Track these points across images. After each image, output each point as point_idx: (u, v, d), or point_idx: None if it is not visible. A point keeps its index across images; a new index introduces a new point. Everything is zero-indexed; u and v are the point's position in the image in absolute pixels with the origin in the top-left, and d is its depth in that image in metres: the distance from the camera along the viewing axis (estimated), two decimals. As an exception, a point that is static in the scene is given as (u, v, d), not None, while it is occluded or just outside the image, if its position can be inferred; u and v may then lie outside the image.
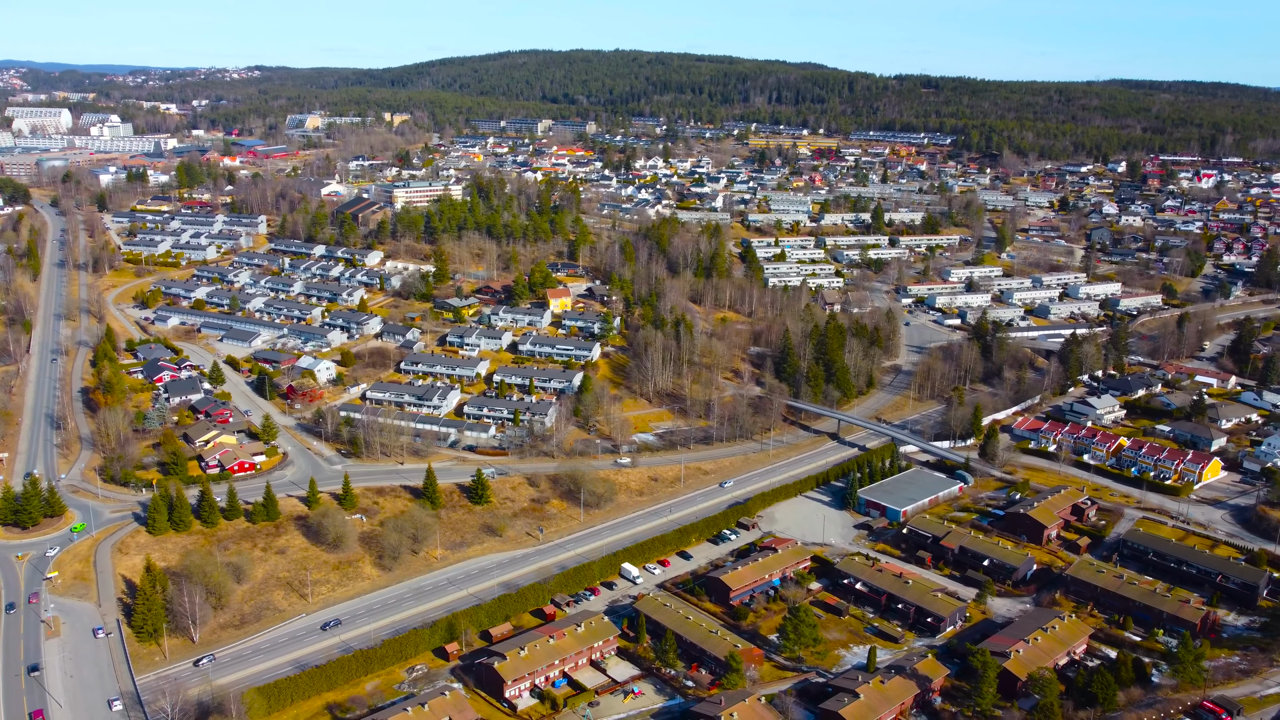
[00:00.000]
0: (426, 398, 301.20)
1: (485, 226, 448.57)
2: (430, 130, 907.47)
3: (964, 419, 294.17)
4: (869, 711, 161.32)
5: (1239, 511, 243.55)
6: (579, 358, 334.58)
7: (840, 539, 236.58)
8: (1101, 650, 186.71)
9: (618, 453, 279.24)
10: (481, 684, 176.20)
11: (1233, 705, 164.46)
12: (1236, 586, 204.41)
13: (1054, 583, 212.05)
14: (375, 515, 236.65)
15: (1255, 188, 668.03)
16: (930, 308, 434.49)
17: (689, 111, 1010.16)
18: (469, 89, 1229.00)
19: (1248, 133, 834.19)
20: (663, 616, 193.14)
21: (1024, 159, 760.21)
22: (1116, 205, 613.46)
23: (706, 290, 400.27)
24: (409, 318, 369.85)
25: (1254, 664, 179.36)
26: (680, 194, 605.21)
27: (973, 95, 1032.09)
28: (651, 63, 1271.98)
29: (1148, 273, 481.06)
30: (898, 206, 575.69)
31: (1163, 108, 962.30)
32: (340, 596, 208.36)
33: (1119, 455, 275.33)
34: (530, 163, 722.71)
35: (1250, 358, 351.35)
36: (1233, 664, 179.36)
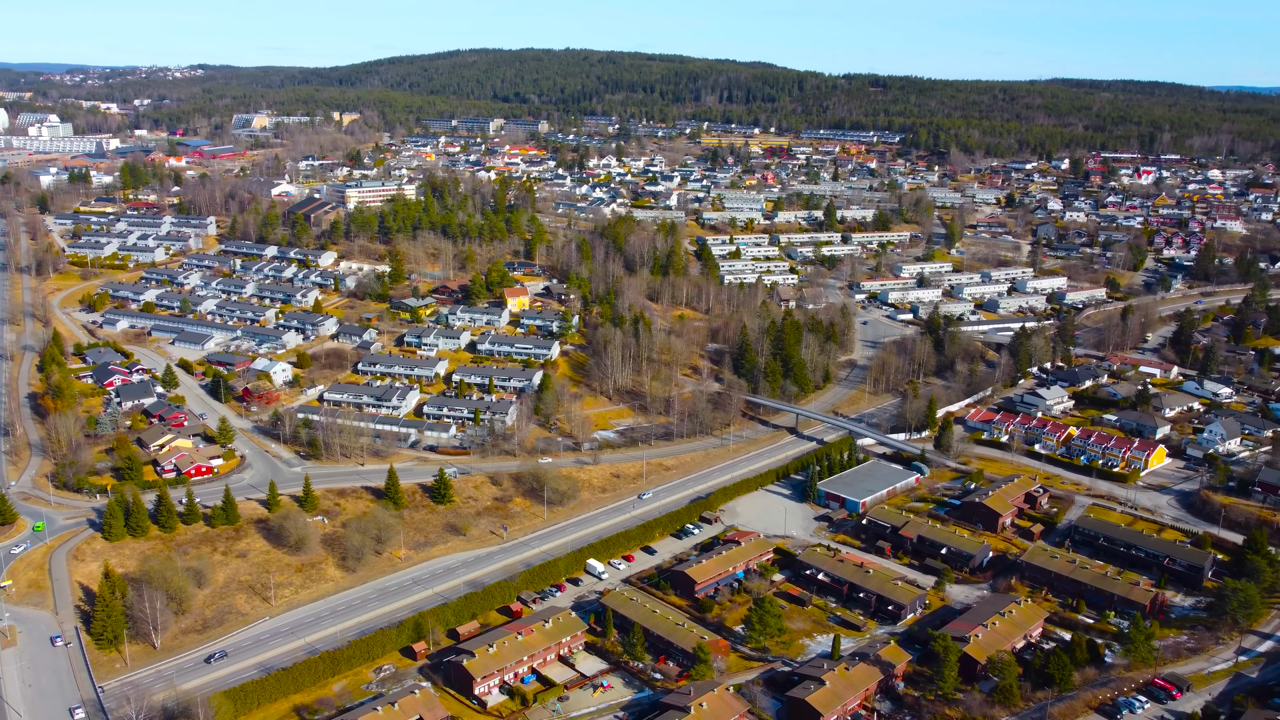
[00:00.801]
0: (385, 398, 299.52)
1: (440, 226, 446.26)
2: (381, 130, 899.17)
3: (919, 411, 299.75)
4: (835, 698, 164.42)
5: (1183, 496, 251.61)
6: (538, 356, 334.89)
7: (801, 531, 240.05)
8: (1056, 633, 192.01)
9: (579, 450, 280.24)
10: (450, 682, 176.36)
11: (1182, 682, 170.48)
12: (1183, 569, 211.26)
13: (1009, 569, 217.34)
14: (337, 517, 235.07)
15: (1192, 184, 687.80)
16: (883, 303, 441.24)
17: (641, 110, 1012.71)
18: (419, 88, 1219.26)
19: (1184, 130, 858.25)
20: (630, 611, 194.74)
21: (971, 157, 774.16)
22: (1061, 201, 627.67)
23: (663, 288, 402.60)
24: (365, 318, 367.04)
25: (1201, 642, 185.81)
26: (635, 193, 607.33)
27: (920, 94, 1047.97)
28: (602, 62, 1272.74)
29: (1092, 267, 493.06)
30: (849, 204, 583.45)
31: (1103, 106, 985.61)
32: (304, 599, 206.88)
33: (1069, 444, 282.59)
34: (483, 162, 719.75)
35: (1191, 348, 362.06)
36: (1181, 643, 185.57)
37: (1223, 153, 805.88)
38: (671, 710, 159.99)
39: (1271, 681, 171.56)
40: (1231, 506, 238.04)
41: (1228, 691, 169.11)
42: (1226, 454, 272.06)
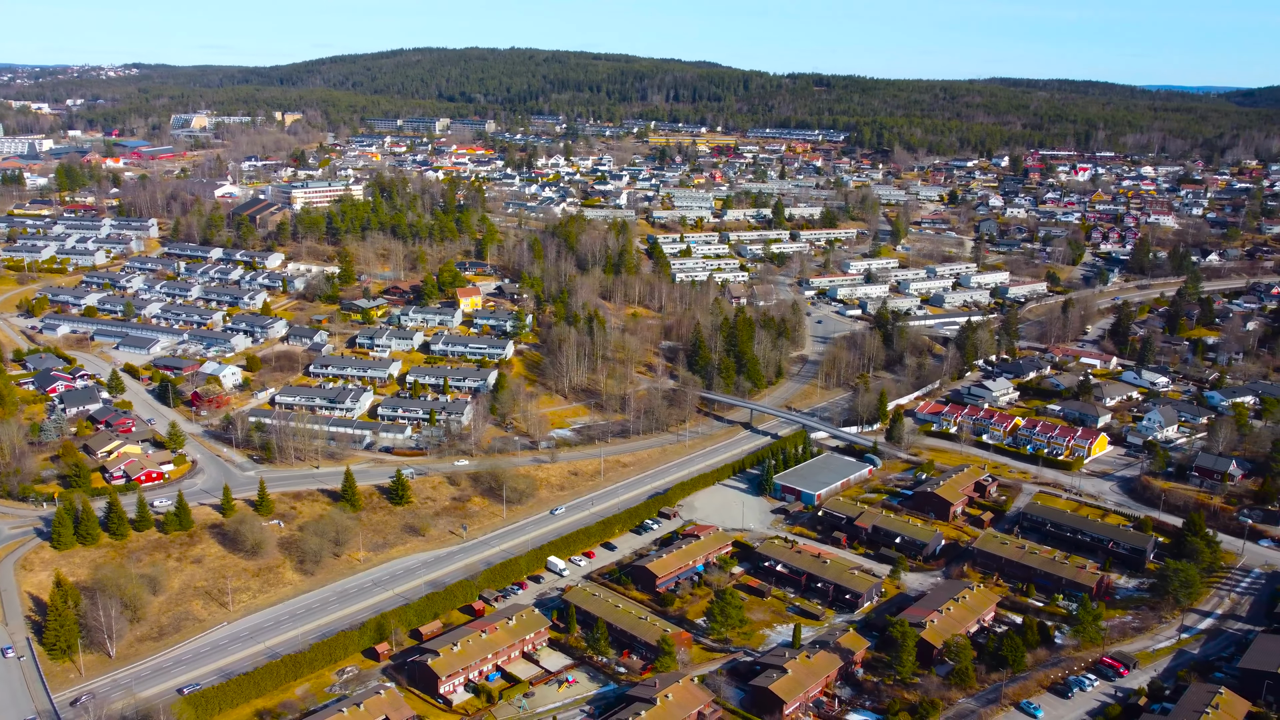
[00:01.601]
0: (339, 400, 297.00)
1: (390, 226, 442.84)
2: (324, 130, 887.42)
3: (870, 405, 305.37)
4: (797, 685, 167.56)
5: (1125, 482, 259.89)
6: (493, 356, 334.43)
7: (759, 524, 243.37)
8: (1008, 616, 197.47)
9: (536, 449, 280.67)
10: (415, 681, 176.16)
11: (1129, 659, 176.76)
12: (1126, 551, 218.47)
13: (961, 556, 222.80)
14: (293, 520, 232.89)
15: (1127, 180, 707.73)
16: (832, 299, 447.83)
17: (588, 110, 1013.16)
18: (362, 87, 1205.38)
19: (1118, 128, 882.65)
20: (592, 606, 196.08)
21: (914, 154, 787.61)
22: (1001, 198, 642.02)
23: (616, 286, 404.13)
24: (316, 320, 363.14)
25: (1145, 621, 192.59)
26: (585, 192, 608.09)
27: (863, 93, 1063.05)
28: (548, 61, 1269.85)
29: (1033, 262, 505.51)
30: (797, 202, 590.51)
31: (1040, 105, 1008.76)
32: (262, 603, 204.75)
33: (1015, 434, 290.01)
34: (430, 162, 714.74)
35: (1129, 339, 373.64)
36: (1127, 622, 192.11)
37: (1154, 150, 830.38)
38: (638, 702, 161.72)
39: (1212, 657, 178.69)
40: (1170, 491, 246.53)
41: (1172, 667, 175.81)
42: (1165, 441, 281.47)
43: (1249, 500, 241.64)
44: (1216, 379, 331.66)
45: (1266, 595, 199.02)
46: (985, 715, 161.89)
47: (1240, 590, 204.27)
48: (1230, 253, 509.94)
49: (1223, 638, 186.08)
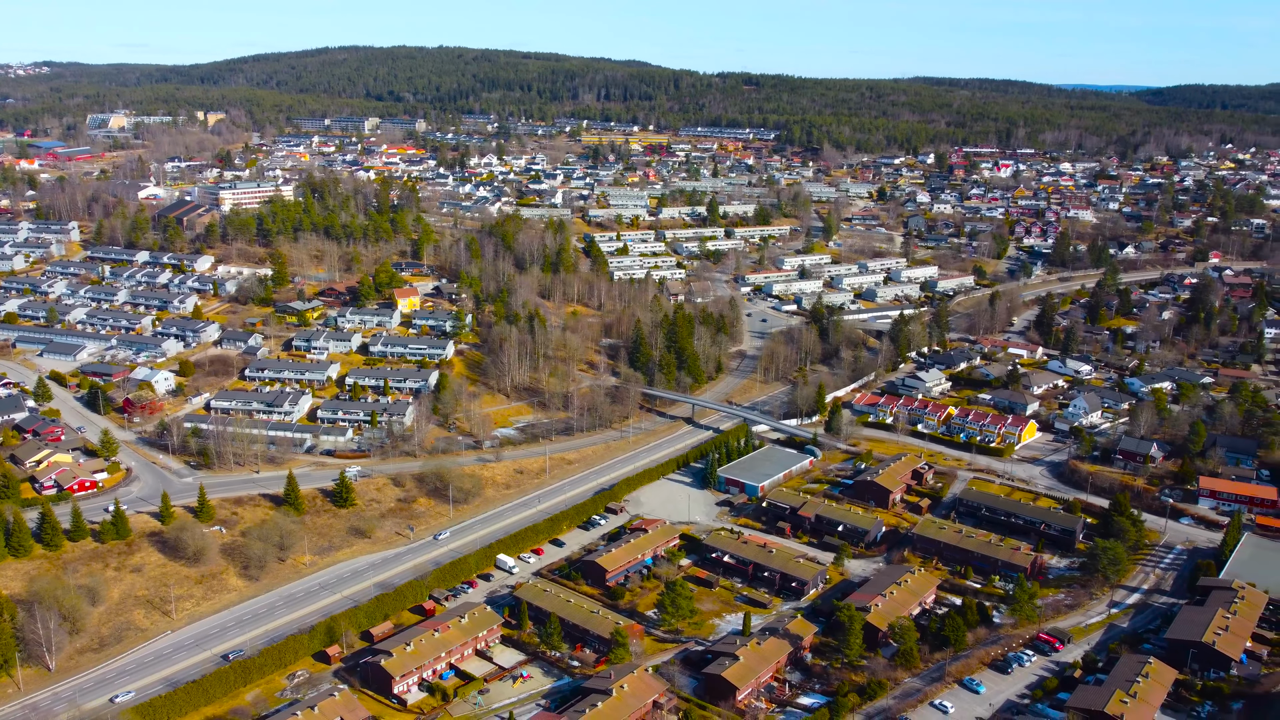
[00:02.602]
0: (277, 404, 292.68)
1: (323, 227, 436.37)
2: (249, 129, 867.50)
3: (809, 398, 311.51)
4: (748, 671, 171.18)
5: (1054, 467, 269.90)
6: (433, 356, 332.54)
7: (704, 516, 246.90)
8: (948, 598, 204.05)
9: (480, 449, 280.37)
10: (369, 683, 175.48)
11: (1063, 635, 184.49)
12: (1057, 533, 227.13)
13: (902, 542, 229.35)
14: (235, 526, 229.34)
15: (1047, 176, 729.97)
16: (768, 295, 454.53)
17: (520, 109, 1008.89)
18: (287, 86, 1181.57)
19: (1037, 126, 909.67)
20: (544, 602, 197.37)
21: (843, 152, 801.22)
22: (928, 194, 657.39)
23: (555, 285, 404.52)
24: (249, 323, 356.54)
25: (1077, 599, 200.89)
26: (519, 191, 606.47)
27: (792, 92, 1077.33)
28: (478, 59, 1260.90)
29: (960, 256, 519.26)
30: (730, 199, 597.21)
31: (962, 103, 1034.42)
32: (206, 610, 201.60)
33: (949, 423, 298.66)
34: (361, 162, 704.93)
35: (1053, 330, 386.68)
36: (1060, 600, 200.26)
37: (1072, 147, 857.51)
38: (594, 694, 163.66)
39: (1141, 630, 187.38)
40: (1097, 474, 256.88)
41: (1103, 641, 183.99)
42: (1090, 426, 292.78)
43: (1170, 481, 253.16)
44: (1136, 366, 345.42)
45: (1188, 570, 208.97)
46: (930, 693, 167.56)
47: (1164, 566, 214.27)
48: (1145, 245, 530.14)
49: (1149, 611, 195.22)
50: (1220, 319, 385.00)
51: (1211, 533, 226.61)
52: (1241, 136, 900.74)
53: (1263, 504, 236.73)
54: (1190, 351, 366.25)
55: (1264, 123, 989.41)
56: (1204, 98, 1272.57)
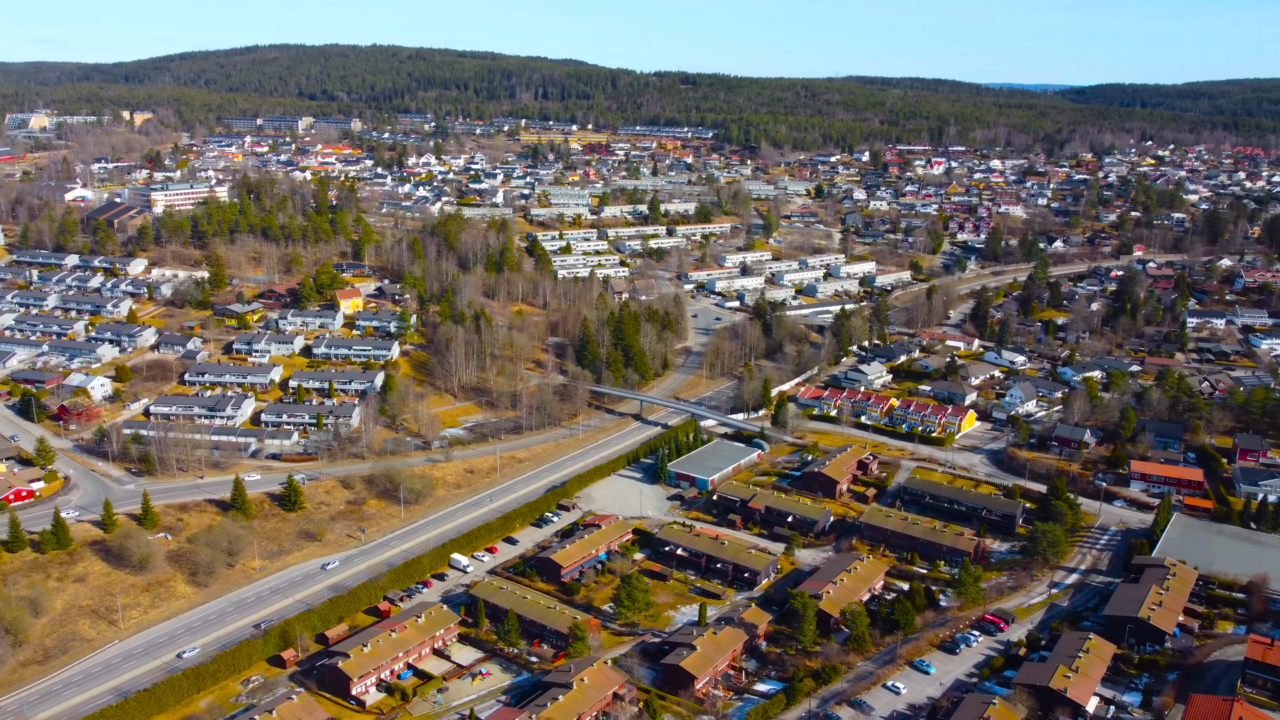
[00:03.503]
0: (219, 408, 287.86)
1: (261, 229, 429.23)
2: (178, 130, 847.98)
3: (755, 392, 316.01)
4: (706, 660, 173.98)
5: (993, 455, 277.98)
6: (378, 357, 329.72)
7: (656, 511, 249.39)
8: (896, 584, 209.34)
9: (430, 449, 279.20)
10: (326, 685, 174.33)
11: (1007, 615, 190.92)
12: (998, 518, 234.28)
13: (850, 531, 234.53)
14: (181, 532, 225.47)
15: (978, 173, 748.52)
16: (711, 292, 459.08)
17: (457, 108, 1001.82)
18: (216, 85, 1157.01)
19: (967, 124, 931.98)
20: (501, 599, 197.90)
21: (780, 150, 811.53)
22: (865, 191, 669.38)
23: (499, 284, 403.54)
24: (187, 326, 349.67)
25: (1019, 581, 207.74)
26: (460, 191, 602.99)
27: (728, 91, 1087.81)
28: (412, 58, 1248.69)
29: (896, 252, 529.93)
30: (671, 198, 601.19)
31: (895, 102, 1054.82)
32: (155, 618, 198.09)
33: (891, 415, 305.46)
34: (296, 162, 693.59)
35: (988, 322, 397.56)
36: (1003, 582, 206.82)
37: (1001, 144, 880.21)
38: (554, 688, 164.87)
39: (1080, 608, 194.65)
40: (1034, 460, 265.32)
41: (1045, 620, 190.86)
42: (1026, 415, 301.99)
43: (1103, 465, 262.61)
44: (1068, 356, 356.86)
45: (1122, 550, 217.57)
46: (883, 675, 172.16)
47: (1100, 547, 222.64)
48: (1073, 239, 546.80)
49: (1088, 590, 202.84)
50: (1145, 310, 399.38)
51: (1143, 514, 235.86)
52: (1161, 134, 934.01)
53: (1190, 485, 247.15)
54: (1118, 341, 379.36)
55: (1181, 120, 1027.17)
56: (1125, 97, 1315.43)
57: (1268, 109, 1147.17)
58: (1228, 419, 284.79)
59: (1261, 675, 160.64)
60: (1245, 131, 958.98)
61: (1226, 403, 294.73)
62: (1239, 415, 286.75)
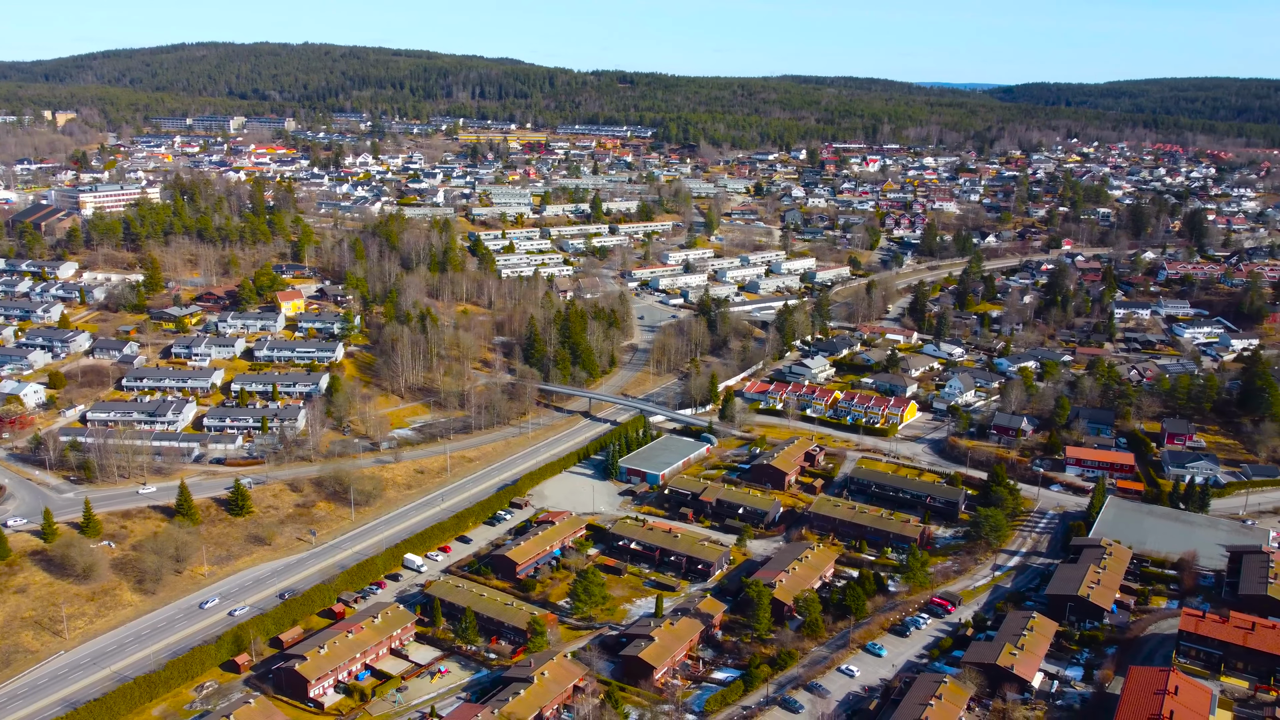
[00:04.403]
0: (159, 413, 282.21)
1: (196, 230, 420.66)
2: (104, 130, 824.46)
3: (702, 388, 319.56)
4: (664, 651, 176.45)
5: (935, 444, 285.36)
6: (322, 359, 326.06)
7: (609, 506, 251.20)
8: (846, 571, 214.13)
9: (378, 450, 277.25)
10: (282, 688, 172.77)
11: (954, 597, 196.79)
12: (942, 505, 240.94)
13: (799, 521, 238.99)
14: (125, 540, 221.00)
15: (912, 170, 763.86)
16: (655, 289, 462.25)
17: (393, 107, 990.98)
18: (142, 84, 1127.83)
19: (901, 122, 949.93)
20: (457, 597, 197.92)
21: (719, 149, 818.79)
22: (803, 189, 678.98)
23: (443, 284, 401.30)
24: (123, 331, 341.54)
25: (963, 565, 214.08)
26: (400, 191, 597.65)
27: (666, 90, 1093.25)
28: (346, 56, 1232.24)
29: (835, 248, 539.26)
30: (613, 196, 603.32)
31: (830, 101, 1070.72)
32: (101, 628, 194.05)
33: (835, 407, 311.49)
34: (229, 162, 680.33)
35: (925, 316, 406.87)
36: (949, 567, 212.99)
37: (933, 142, 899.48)
38: (515, 682, 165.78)
39: (1023, 589, 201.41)
40: (974, 449, 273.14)
41: (990, 601, 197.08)
42: (965, 405, 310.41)
43: (1039, 452, 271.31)
44: (1003, 348, 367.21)
45: (1061, 532, 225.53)
46: (837, 659, 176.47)
47: (1040, 530, 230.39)
48: (1004, 234, 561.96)
49: (1029, 571, 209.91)
50: (1075, 302, 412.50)
51: (1079, 497, 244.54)
52: (1085, 131, 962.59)
53: (1122, 469, 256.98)
54: (1050, 332, 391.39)
55: (1104, 118, 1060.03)
56: (1050, 95, 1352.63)
57: (1184, 108, 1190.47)
58: (1156, 405, 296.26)
59: (1194, 646, 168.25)
60: (1164, 129, 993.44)
61: (1154, 389, 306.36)
62: (1166, 401, 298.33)
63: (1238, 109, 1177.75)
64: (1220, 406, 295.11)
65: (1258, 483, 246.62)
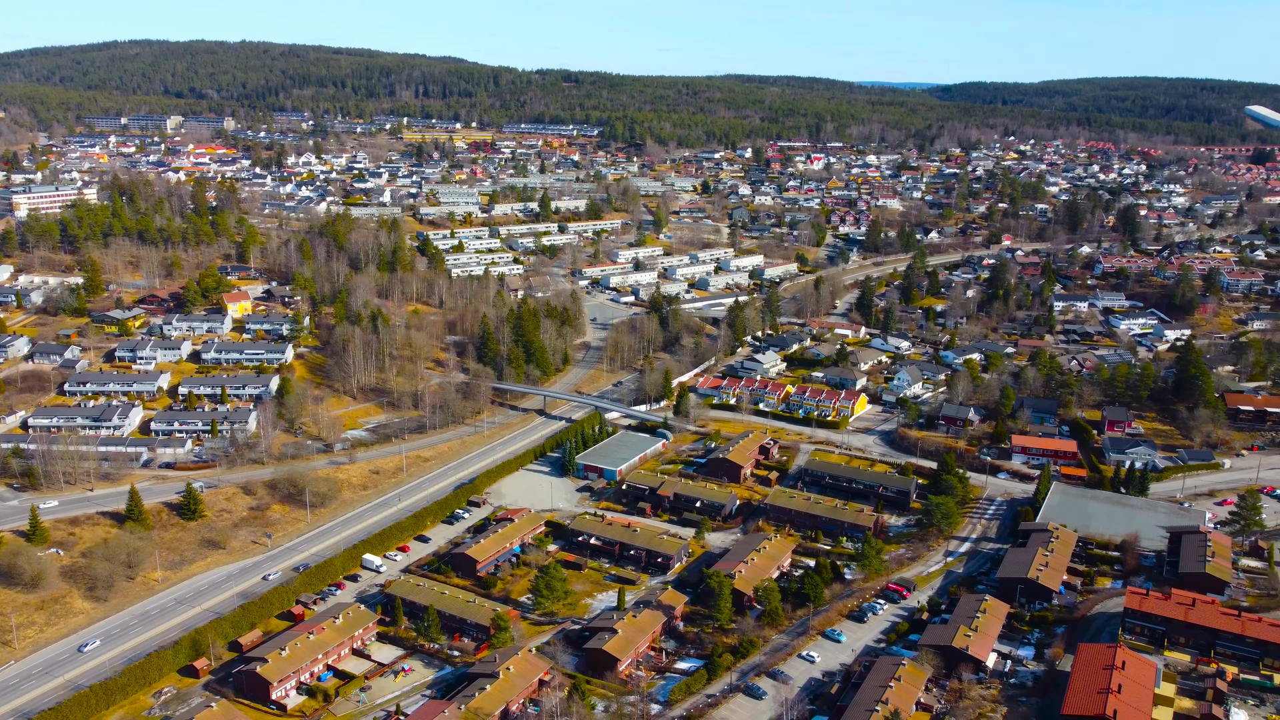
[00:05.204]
0: (104, 418, 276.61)
1: (137, 232, 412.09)
2: (34, 129, 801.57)
3: (656, 384, 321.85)
4: (628, 643, 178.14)
5: (886, 435, 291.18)
6: (271, 361, 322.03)
7: (567, 503, 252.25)
8: (803, 561, 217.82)
9: (332, 451, 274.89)
10: (244, 692, 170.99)
11: (909, 583, 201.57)
12: (894, 494, 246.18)
13: (756, 513, 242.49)
14: (74, 547, 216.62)
15: (855, 168, 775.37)
16: (606, 287, 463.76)
17: (335, 106, 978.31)
18: (74, 83, 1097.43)
19: (843, 121, 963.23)
20: (418, 596, 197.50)
21: (665, 147, 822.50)
22: (749, 187, 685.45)
23: (393, 284, 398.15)
24: (63, 335, 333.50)
25: (916, 551, 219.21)
26: (345, 190, 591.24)
27: (611, 89, 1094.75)
28: (285, 55, 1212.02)
29: (783, 245, 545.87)
30: (561, 195, 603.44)
31: (774, 99, 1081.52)
32: (52, 636, 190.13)
33: (788, 401, 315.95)
34: (167, 162, 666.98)
35: (872, 310, 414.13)
36: (902, 554, 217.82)
37: (876, 140, 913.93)
38: (481, 678, 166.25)
39: (975, 573, 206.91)
40: (924, 439, 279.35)
41: (943, 585, 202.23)
42: (913, 396, 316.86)
43: (986, 441, 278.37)
44: (948, 341, 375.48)
45: (1009, 518, 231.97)
46: (798, 646, 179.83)
47: (988, 516, 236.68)
48: (947, 230, 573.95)
49: (980, 556, 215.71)
50: (1016, 295, 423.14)
51: (1025, 484, 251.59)
52: (1022, 129, 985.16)
53: (1065, 456, 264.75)
54: (993, 325, 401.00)
55: (1039, 117, 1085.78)
56: (987, 94, 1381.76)
57: (1115, 106, 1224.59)
58: (1096, 394, 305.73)
59: (1139, 623, 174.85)
60: (1097, 127, 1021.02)
61: (1094, 379, 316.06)
62: (1105, 390, 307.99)
63: (1166, 107, 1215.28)
64: (1156, 394, 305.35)
65: (1193, 466, 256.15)
